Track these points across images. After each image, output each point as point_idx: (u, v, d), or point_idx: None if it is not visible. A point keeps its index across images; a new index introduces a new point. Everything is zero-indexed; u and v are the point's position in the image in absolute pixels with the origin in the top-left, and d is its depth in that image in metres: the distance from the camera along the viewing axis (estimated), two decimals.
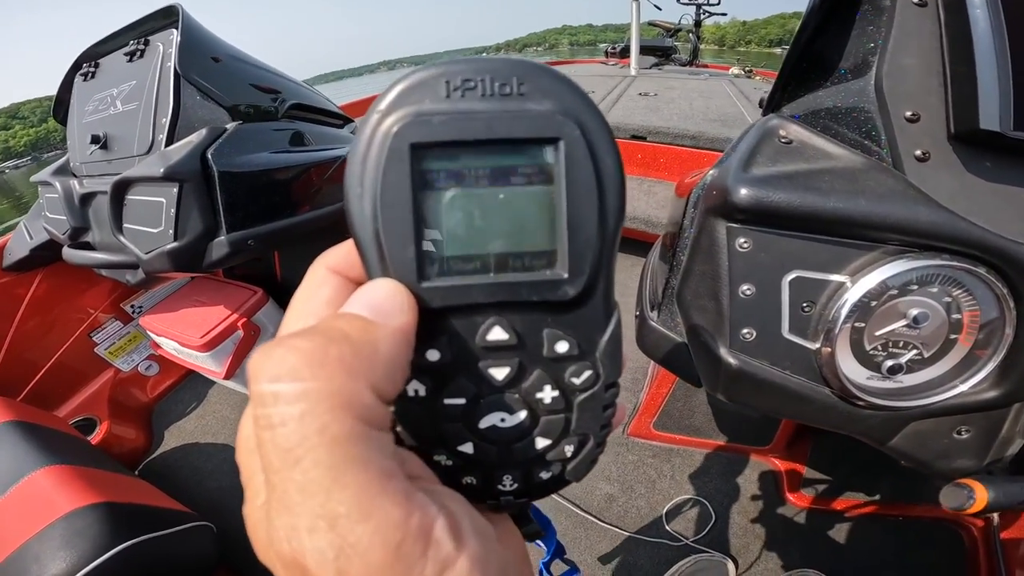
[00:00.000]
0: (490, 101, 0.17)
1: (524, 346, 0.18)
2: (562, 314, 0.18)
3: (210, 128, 0.81)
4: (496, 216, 0.17)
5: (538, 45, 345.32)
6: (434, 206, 0.17)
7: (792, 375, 0.42)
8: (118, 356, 1.66)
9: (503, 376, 0.18)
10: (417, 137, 0.16)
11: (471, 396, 0.18)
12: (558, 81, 0.17)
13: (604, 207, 0.17)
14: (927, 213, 0.35)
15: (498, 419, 0.19)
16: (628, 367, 1.42)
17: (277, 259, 1.67)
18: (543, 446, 0.20)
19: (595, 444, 0.21)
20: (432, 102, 0.17)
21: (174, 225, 0.78)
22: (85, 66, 1.12)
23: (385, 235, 0.17)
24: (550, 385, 0.19)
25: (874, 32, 0.40)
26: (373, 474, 0.14)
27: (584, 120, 0.17)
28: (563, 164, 0.17)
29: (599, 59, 4.27)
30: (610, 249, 0.18)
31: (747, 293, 0.39)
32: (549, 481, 0.21)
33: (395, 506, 0.14)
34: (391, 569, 0.13)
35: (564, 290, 0.18)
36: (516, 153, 0.17)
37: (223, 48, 1.00)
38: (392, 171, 0.16)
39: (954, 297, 0.38)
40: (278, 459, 0.14)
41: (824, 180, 0.37)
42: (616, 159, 0.18)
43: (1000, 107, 0.33)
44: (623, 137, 1.71)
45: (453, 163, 0.17)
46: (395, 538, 0.14)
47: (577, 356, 0.19)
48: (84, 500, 0.82)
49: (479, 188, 0.17)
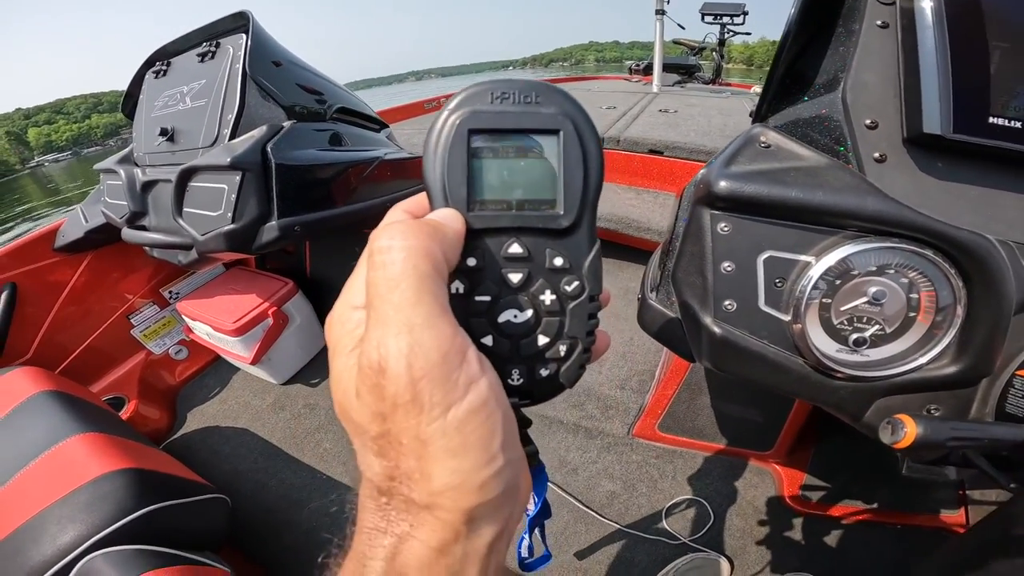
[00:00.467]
0: (517, 106, 0.26)
1: (532, 259, 0.26)
2: (559, 239, 0.26)
3: (269, 125, 0.92)
4: (518, 176, 0.26)
5: (564, 60, 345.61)
6: (480, 168, 0.26)
7: (770, 344, 0.48)
8: (152, 339, 1.75)
9: (517, 280, 0.26)
10: (472, 125, 0.25)
11: (494, 295, 0.26)
12: (562, 96, 0.26)
13: (587, 173, 0.26)
14: (874, 203, 0.41)
15: (512, 315, 0.26)
16: (635, 370, 1.48)
17: (308, 254, 1.78)
18: (543, 343, 0.26)
19: (583, 349, 0.27)
20: (482, 105, 0.26)
21: (233, 209, 0.88)
22: (158, 64, 1.23)
23: (449, 183, 0.26)
24: (550, 290, 0.26)
25: (844, 52, 0.47)
26: (438, 303, 0.21)
27: (577, 120, 0.26)
28: (561, 146, 0.26)
29: (623, 75, 4.32)
30: (592, 200, 0.27)
31: (728, 269, 0.46)
32: (547, 380, 0.27)
33: (447, 326, 0.21)
34: (439, 368, 0.20)
35: (560, 222, 0.26)
36: (532, 138, 0.26)
37: (283, 53, 1.12)
38: (456, 145, 0.25)
39: (911, 279, 0.44)
40: (384, 286, 0.21)
41: (790, 175, 0.44)
42: (596, 144, 0.27)
43: (941, 113, 0.39)
44: (641, 151, 1.77)
45: (493, 142, 0.26)
46: (444, 347, 0.20)
47: (569, 270, 0.26)
48: (113, 466, 0.88)
49: (508, 158, 0.26)
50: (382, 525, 0.21)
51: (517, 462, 0.23)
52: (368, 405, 0.21)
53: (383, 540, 0.21)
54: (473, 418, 0.20)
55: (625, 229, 1.56)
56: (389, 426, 0.20)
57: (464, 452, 0.20)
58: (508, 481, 0.21)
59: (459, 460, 0.20)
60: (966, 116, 0.41)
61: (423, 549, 0.20)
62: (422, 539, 0.20)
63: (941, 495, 1.13)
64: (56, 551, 0.74)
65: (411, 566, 0.20)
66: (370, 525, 0.22)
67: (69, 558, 0.73)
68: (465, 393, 0.20)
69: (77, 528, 0.77)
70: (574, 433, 1.40)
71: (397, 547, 0.21)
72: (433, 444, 0.20)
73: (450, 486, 0.20)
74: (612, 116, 2.21)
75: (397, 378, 0.20)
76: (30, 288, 1.46)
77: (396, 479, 0.21)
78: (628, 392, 1.44)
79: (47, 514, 0.79)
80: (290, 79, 1.10)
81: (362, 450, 0.22)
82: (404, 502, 0.21)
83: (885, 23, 0.46)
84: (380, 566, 0.21)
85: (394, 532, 0.21)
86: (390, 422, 0.20)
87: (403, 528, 0.21)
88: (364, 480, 0.22)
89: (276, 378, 1.70)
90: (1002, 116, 0.41)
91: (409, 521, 0.21)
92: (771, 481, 1.24)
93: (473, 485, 0.20)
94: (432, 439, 0.20)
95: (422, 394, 0.20)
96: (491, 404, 0.21)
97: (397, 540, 0.21)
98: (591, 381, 1.47)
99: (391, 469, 0.21)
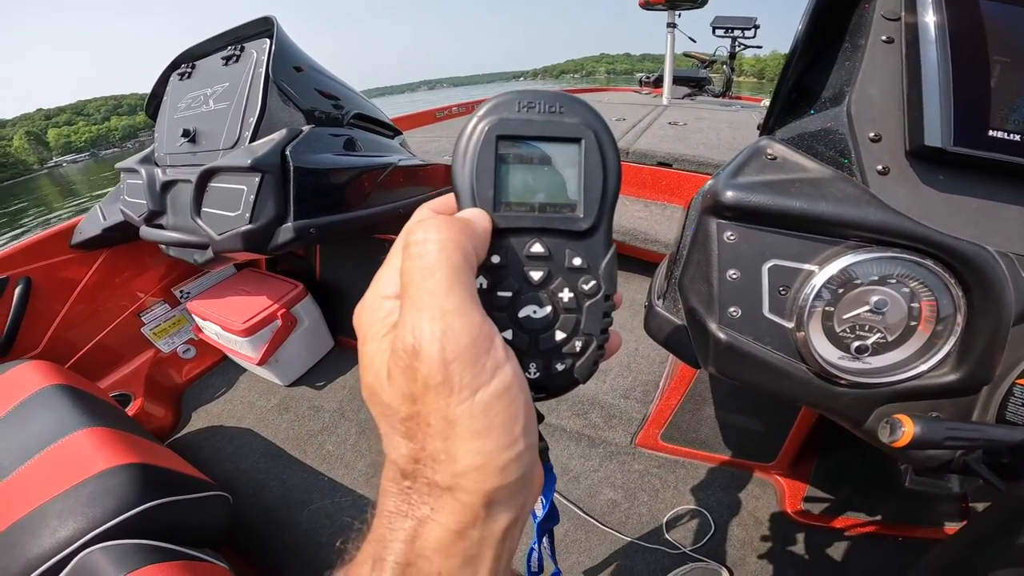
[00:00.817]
0: (542, 115, 0.27)
1: (552, 258, 0.28)
2: (578, 240, 0.28)
3: (289, 128, 0.95)
4: (541, 181, 0.28)
5: (575, 72, 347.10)
6: (506, 172, 0.27)
7: (773, 351, 0.49)
8: (161, 337, 1.78)
9: (538, 277, 0.27)
10: (500, 131, 0.27)
11: (515, 291, 0.27)
12: (584, 107, 0.28)
13: (606, 180, 0.28)
14: (876, 214, 0.42)
15: (532, 311, 0.27)
16: (639, 380, 1.48)
17: (318, 258, 1.80)
18: (560, 338, 0.28)
19: (597, 346, 0.29)
20: (509, 113, 0.27)
21: (251, 209, 0.90)
22: (183, 66, 1.26)
23: (477, 185, 0.27)
24: (568, 288, 0.28)
25: (850, 67, 0.49)
26: (468, 293, 0.23)
27: (597, 130, 0.28)
28: (583, 154, 0.27)
29: (633, 88, 4.33)
30: (610, 205, 0.28)
31: (733, 277, 0.47)
32: (562, 374, 0.28)
33: (477, 313, 0.22)
34: (468, 352, 0.21)
35: (579, 224, 0.28)
36: (556, 145, 0.28)
37: (304, 59, 1.14)
38: (484, 150, 0.27)
39: (912, 288, 0.45)
40: (419, 274, 0.22)
41: (794, 186, 0.45)
42: (615, 153, 0.28)
43: (942, 126, 0.41)
44: (650, 164, 1.78)
45: (519, 149, 0.27)
46: (474, 333, 0.22)
47: (586, 270, 0.28)
48: (116, 460, 0.88)
49: (532, 164, 0.28)
50: (403, 508, 0.22)
51: (534, 449, 0.24)
52: (400, 387, 0.22)
53: (403, 523, 0.22)
54: (498, 401, 0.21)
55: (632, 241, 1.57)
56: (419, 407, 0.21)
57: (488, 434, 0.21)
58: (526, 465, 0.22)
59: (483, 441, 0.21)
60: (967, 129, 0.42)
61: (442, 531, 0.21)
62: (442, 522, 0.21)
63: (944, 508, 1.13)
64: (54, 544, 0.75)
65: (430, 548, 0.21)
66: (391, 508, 0.23)
67: (67, 551, 0.74)
68: (492, 377, 0.22)
69: (77, 521, 0.77)
70: (577, 441, 1.40)
71: (417, 530, 0.22)
72: (460, 425, 0.21)
73: (473, 466, 0.21)
74: (622, 128, 2.23)
75: (430, 359, 0.21)
76: (44, 283, 1.48)
77: (421, 461, 0.22)
78: (632, 402, 1.44)
79: (49, 507, 0.80)
80: (310, 84, 1.12)
81: (390, 433, 0.23)
82: (427, 484, 0.22)
83: (890, 38, 0.48)
84: (400, 548, 0.22)
85: (415, 515, 0.22)
86: (420, 403, 0.21)
87: (424, 511, 0.22)
88: (388, 463, 0.23)
89: (282, 379, 1.71)
90: (1002, 129, 0.42)
91: (431, 504, 0.22)
92: (773, 492, 1.24)
93: (495, 467, 0.21)
94: (460, 420, 0.21)
95: (453, 376, 0.21)
96: (515, 389, 0.22)
97: (417, 523, 0.22)
98: (595, 390, 1.47)
99: (417, 451, 0.22)
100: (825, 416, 0.53)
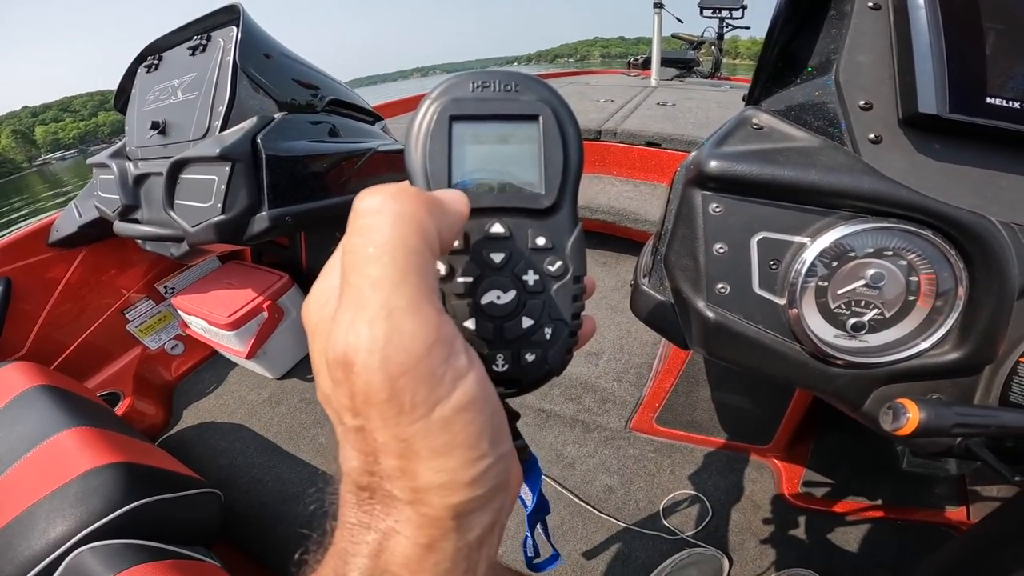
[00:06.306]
0: (498, 94, 0.26)
1: (514, 238, 0.25)
2: (541, 219, 0.26)
3: (260, 116, 0.92)
4: (499, 160, 0.26)
5: (569, 56, 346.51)
6: (462, 153, 0.26)
7: (765, 330, 0.46)
8: (147, 334, 1.75)
9: (499, 259, 0.25)
10: (453, 111, 0.25)
11: (475, 275, 0.25)
12: (540, 84, 0.27)
13: (567, 156, 0.26)
14: (870, 182, 0.40)
15: (495, 296, 0.25)
16: (632, 362, 1.47)
17: (304, 247, 1.77)
18: (528, 325, 0.25)
19: (569, 333, 0.26)
20: (463, 93, 0.26)
21: (223, 200, 0.88)
22: (150, 58, 1.23)
23: (430, 167, 0.25)
24: (532, 270, 0.25)
25: (837, 34, 0.46)
26: (426, 285, 0.18)
27: (555, 106, 0.26)
28: (541, 131, 0.26)
29: (621, 70, 4.29)
30: (573, 181, 0.26)
31: (720, 251, 0.44)
32: (533, 365, 0.26)
33: (435, 312, 0.18)
34: (422, 363, 0.17)
35: (541, 201, 0.26)
36: (512, 124, 0.26)
37: (275, 46, 1.11)
38: (437, 131, 0.25)
39: (909, 261, 0.43)
40: (362, 258, 0.18)
41: (782, 155, 0.42)
42: (575, 129, 0.26)
43: (936, 93, 0.38)
44: (639, 144, 1.76)
45: (474, 129, 0.26)
46: (430, 337, 0.17)
47: (551, 250, 0.26)
48: (103, 460, 0.86)
49: (489, 143, 0.26)
50: (366, 520, 0.20)
51: (507, 456, 0.21)
52: (340, 399, 0.18)
53: (367, 536, 0.20)
54: (460, 416, 0.18)
55: (622, 221, 1.55)
56: (363, 422, 0.18)
57: (451, 451, 0.18)
58: (498, 476, 0.20)
59: (444, 459, 0.18)
60: (963, 96, 0.40)
61: (410, 545, 0.19)
62: (408, 535, 0.19)
63: (942, 490, 1.12)
64: (45, 545, 0.74)
65: (397, 563, 0.19)
66: (352, 520, 0.20)
67: (58, 553, 0.73)
68: (452, 389, 0.18)
69: (66, 522, 0.76)
70: (571, 427, 1.39)
71: (382, 543, 0.19)
72: (416, 444, 0.18)
73: (436, 483, 0.18)
74: (610, 109, 2.20)
75: (369, 373, 0.17)
76: (24, 283, 1.45)
77: (377, 474, 0.19)
78: (626, 385, 1.43)
79: (37, 508, 0.79)
80: (282, 71, 1.09)
81: (342, 441, 0.20)
82: (387, 497, 0.19)
83: (877, 4, 0.45)
84: (363, 563, 0.19)
85: (378, 528, 0.19)
86: (363, 419, 0.18)
87: (388, 524, 0.19)
88: (344, 474, 0.21)
89: (272, 372, 1.69)
90: (999, 96, 0.40)
91: (394, 516, 0.19)
92: (770, 476, 1.23)
93: (460, 483, 0.18)
94: (415, 439, 0.18)
95: (402, 392, 0.17)
96: (480, 400, 0.19)
97: (382, 536, 0.19)
98: (588, 373, 1.46)
99: (371, 464, 0.19)
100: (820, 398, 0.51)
